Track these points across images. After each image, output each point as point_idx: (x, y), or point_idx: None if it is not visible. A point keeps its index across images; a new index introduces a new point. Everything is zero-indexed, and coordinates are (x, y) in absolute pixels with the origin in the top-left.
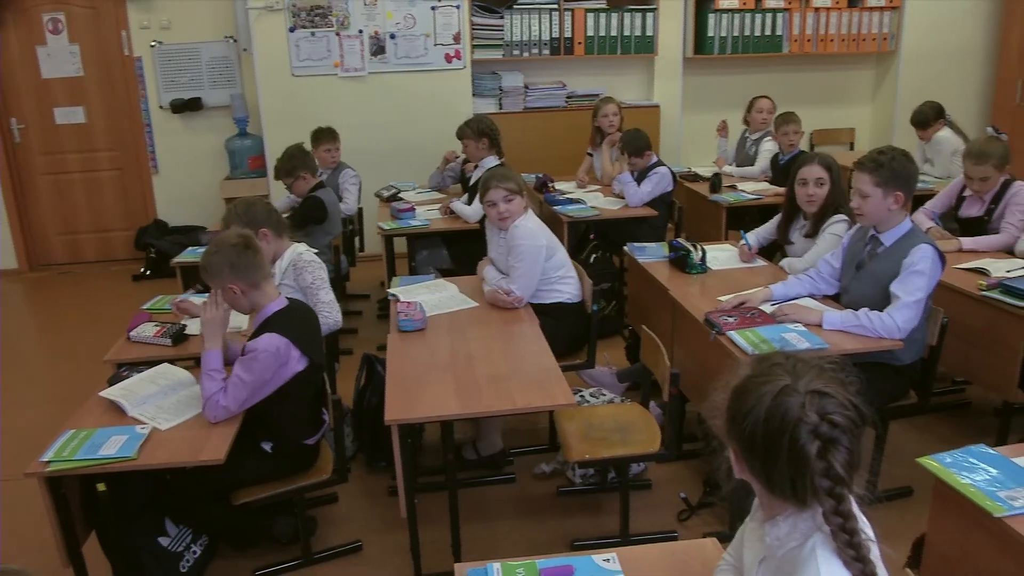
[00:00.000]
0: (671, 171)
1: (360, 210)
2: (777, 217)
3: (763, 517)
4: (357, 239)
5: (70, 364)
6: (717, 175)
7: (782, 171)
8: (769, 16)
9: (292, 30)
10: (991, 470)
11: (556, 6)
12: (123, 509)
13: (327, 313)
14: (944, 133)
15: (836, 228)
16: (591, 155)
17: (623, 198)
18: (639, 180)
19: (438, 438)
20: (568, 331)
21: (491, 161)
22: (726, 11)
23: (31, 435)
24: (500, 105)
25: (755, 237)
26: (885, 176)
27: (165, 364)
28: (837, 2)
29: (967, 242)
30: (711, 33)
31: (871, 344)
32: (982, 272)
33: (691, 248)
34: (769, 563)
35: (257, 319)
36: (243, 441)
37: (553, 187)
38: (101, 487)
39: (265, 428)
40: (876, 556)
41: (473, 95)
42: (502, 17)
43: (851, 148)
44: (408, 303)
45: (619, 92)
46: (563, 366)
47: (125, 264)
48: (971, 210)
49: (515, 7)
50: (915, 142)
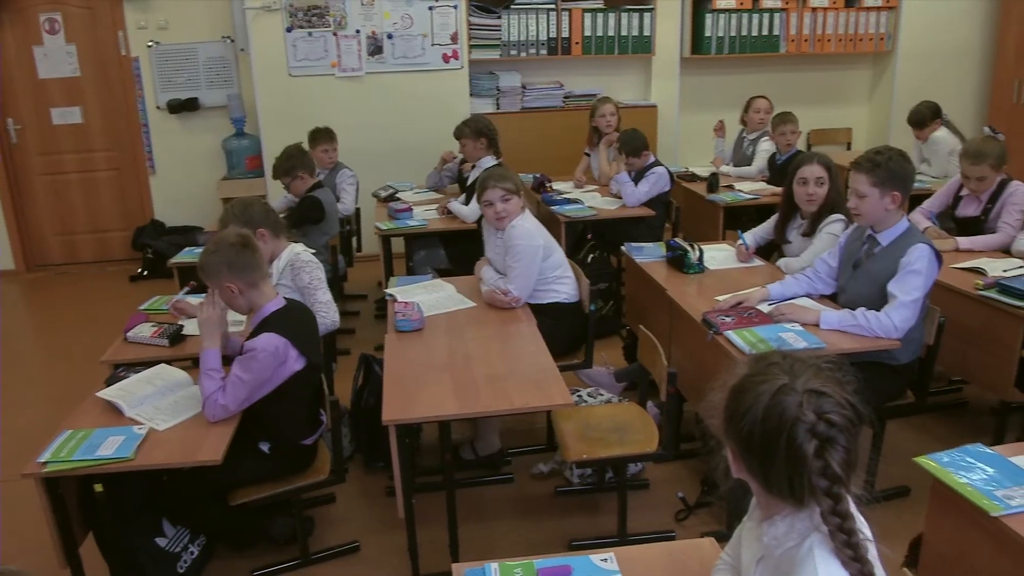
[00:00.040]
0: (668, 171)
1: (358, 210)
2: (774, 217)
3: (761, 517)
4: (355, 239)
5: (67, 365)
6: (714, 175)
7: (779, 171)
8: (766, 16)
9: (289, 30)
10: (988, 469)
11: (553, 6)
12: (120, 510)
13: (324, 313)
14: (941, 133)
15: (833, 228)
16: (588, 155)
17: (620, 198)
18: (636, 180)
19: (436, 438)
20: (566, 331)
21: (489, 161)
22: (723, 11)
23: (28, 436)
24: (497, 105)
25: (752, 237)
26: (882, 176)
27: (162, 364)
28: (834, 2)
29: (964, 242)
30: (708, 33)
31: (868, 343)
32: (979, 272)
33: (688, 248)
34: (767, 563)
35: (255, 319)
36: (241, 441)
37: (551, 187)
38: (98, 488)
39: (263, 428)
40: (874, 556)
41: (470, 95)
42: (499, 17)
43: (848, 148)
44: (406, 303)
45: (616, 92)
46: (561, 366)
47: (122, 264)
48: (968, 210)
49: (512, 7)
50: (912, 142)
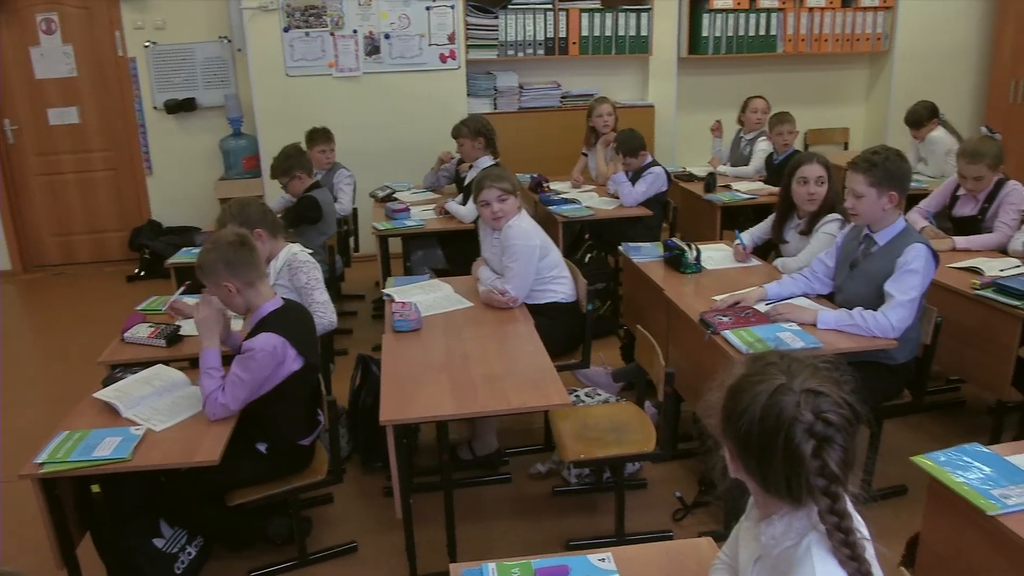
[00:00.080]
0: (665, 171)
1: (355, 210)
2: (772, 216)
3: (758, 516)
4: (352, 239)
5: (64, 365)
6: (712, 175)
7: (776, 171)
8: (763, 16)
9: (286, 30)
10: (985, 468)
11: (551, 6)
12: (118, 510)
13: (322, 314)
14: (938, 133)
15: (830, 227)
16: (586, 155)
17: (618, 198)
18: (634, 180)
19: (433, 438)
20: (563, 331)
21: (486, 161)
22: (720, 11)
23: (25, 436)
24: (495, 105)
25: (749, 236)
26: (879, 176)
27: (159, 365)
28: (831, 2)
29: (961, 241)
30: (705, 33)
31: (865, 343)
32: (976, 271)
33: (686, 248)
34: (764, 562)
35: (252, 319)
36: (238, 442)
37: (548, 187)
38: (95, 488)
39: (260, 429)
40: (871, 554)
41: (468, 95)
42: (496, 17)
43: (845, 148)
44: (403, 303)
45: (614, 92)
46: (558, 366)
47: (119, 265)
48: (965, 209)
49: (509, 7)
50: (909, 141)
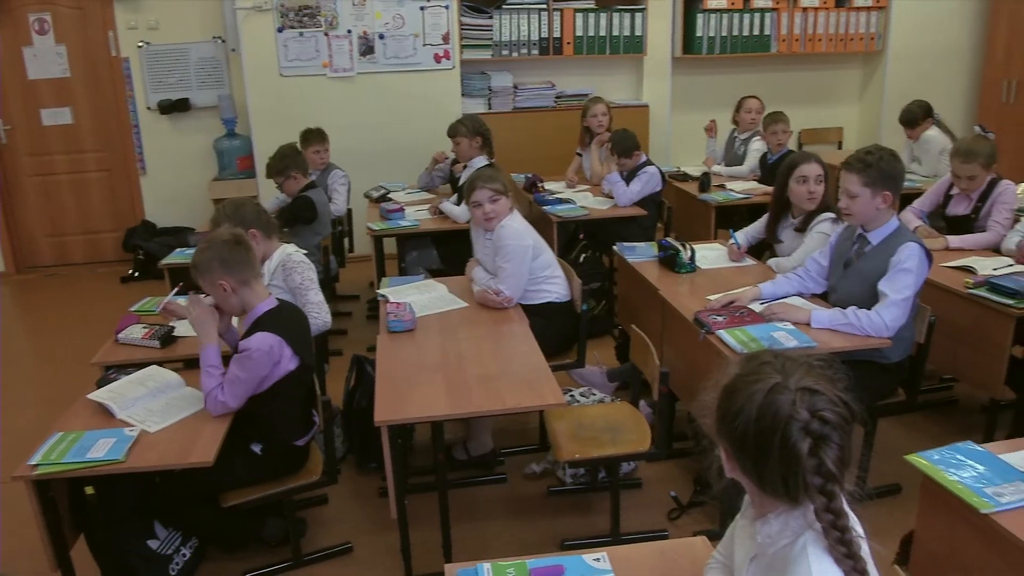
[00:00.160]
0: (660, 171)
1: (349, 211)
2: (766, 216)
3: (754, 515)
4: (346, 240)
5: (57, 367)
6: (706, 174)
7: (771, 170)
8: (757, 16)
9: (280, 30)
10: (978, 467)
11: (545, 6)
12: (112, 512)
13: (316, 314)
14: (932, 132)
15: (823, 226)
16: (580, 155)
17: (612, 198)
18: (628, 180)
19: (428, 439)
20: (558, 331)
21: (480, 161)
22: (714, 11)
23: (19, 438)
24: (489, 105)
25: (744, 236)
26: (873, 176)
27: (153, 366)
28: (824, 2)
29: (954, 240)
30: (699, 33)
31: (859, 342)
32: (969, 270)
33: (680, 247)
34: (760, 561)
35: (248, 319)
36: (233, 443)
37: (542, 187)
38: (89, 490)
39: (255, 429)
40: (866, 553)
41: (462, 95)
42: (491, 17)
43: (839, 147)
44: (398, 304)
45: (608, 92)
46: (553, 366)
47: (113, 266)
48: (958, 208)
49: (504, 7)
50: (902, 141)
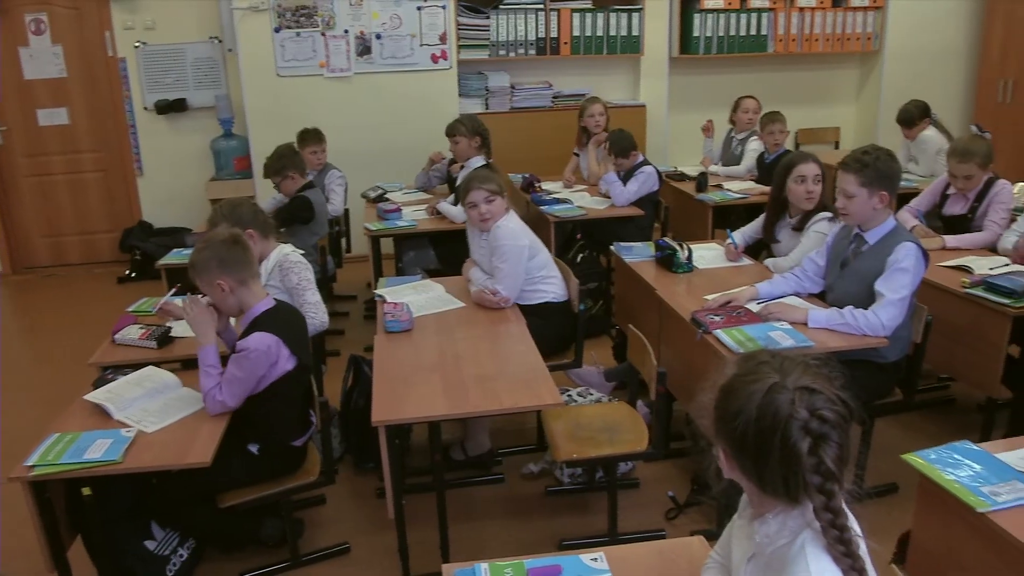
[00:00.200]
0: (657, 170)
1: (347, 211)
2: (763, 216)
3: (752, 515)
4: (344, 240)
5: (54, 367)
6: (703, 174)
7: (768, 170)
8: (754, 16)
9: (277, 30)
10: (975, 466)
11: (542, 6)
12: (109, 513)
13: (313, 314)
14: (929, 132)
15: (820, 226)
16: (577, 155)
17: (609, 198)
18: (625, 180)
19: (426, 439)
20: (555, 331)
21: (477, 161)
22: (711, 11)
23: (16, 439)
24: (486, 105)
25: (741, 236)
26: (870, 176)
27: (150, 367)
28: (821, 2)
29: (951, 240)
30: (696, 33)
31: (856, 342)
32: (965, 270)
33: (677, 247)
34: (758, 560)
35: (245, 319)
36: (230, 443)
37: (540, 187)
38: (86, 491)
39: (252, 430)
40: (864, 552)
41: (459, 95)
42: (488, 17)
43: (836, 147)
44: (395, 304)
45: (605, 92)
46: (550, 366)
47: (110, 266)
48: (955, 208)
49: (501, 7)
50: (899, 140)
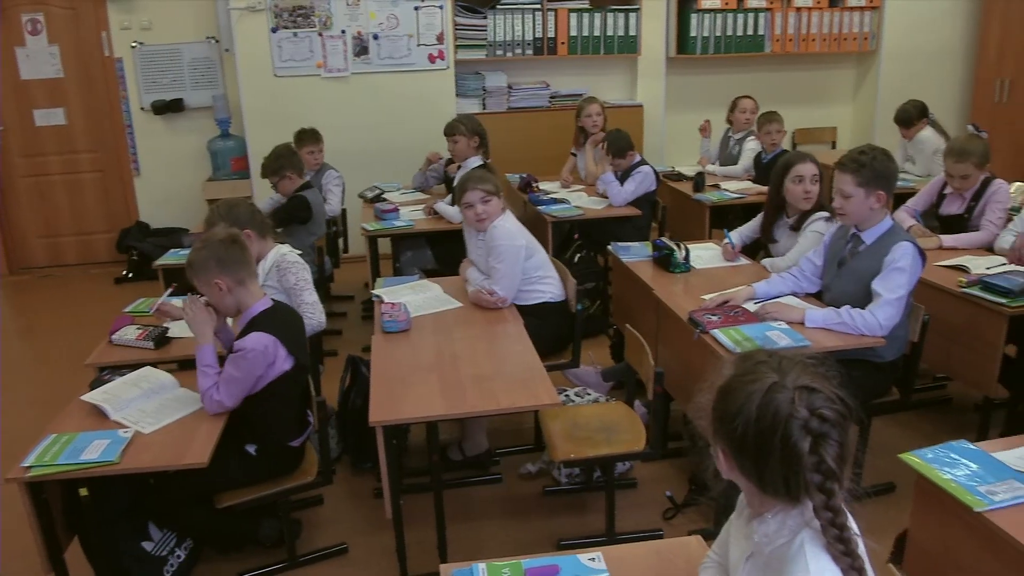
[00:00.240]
0: (654, 170)
1: (344, 211)
2: (760, 215)
3: (751, 515)
4: (341, 240)
5: (51, 368)
6: (700, 174)
7: (765, 170)
8: (751, 16)
9: (274, 30)
10: (972, 465)
11: (539, 6)
12: (106, 514)
13: (311, 314)
14: (927, 132)
15: (817, 226)
16: (575, 155)
17: (607, 198)
18: (622, 180)
19: (423, 439)
20: (552, 331)
21: (475, 161)
22: (708, 11)
23: (12, 440)
24: (484, 105)
25: (738, 236)
26: (867, 176)
27: (148, 367)
28: (818, 2)
29: (948, 239)
30: (694, 33)
31: (853, 341)
32: (962, 269)
33: (675, 247)
34: (757, 560)
35: (242, 319)
36: (227, 444)
37: (537, 187)
38: (83, 492)
39: (250, 430)
40: (862, 551)
41: (457, 95)
42: (485, 17)
43: (833, 147)
44: (392, 304)
45: (602, 92)
46: (548, 366)
47: (107, 267)
48: (952, 208)
49: (498, 7)
50: (896, 140)
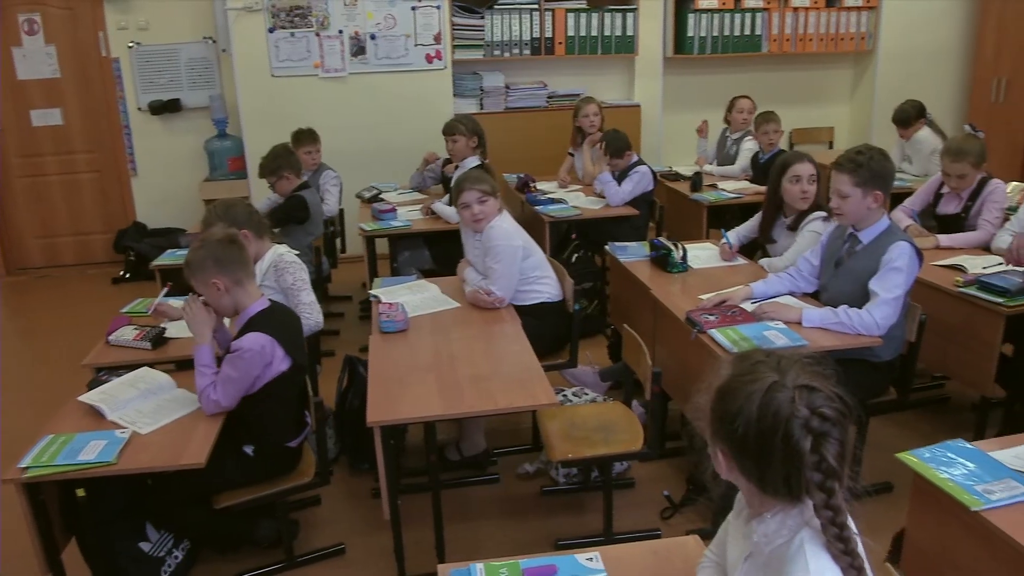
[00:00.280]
0: (651, 170)
1: (341, 211)
2: (758, 215)
3: (749, 515)
4: (338, 240)
5: (48, 369)
6: (698, 174)
7: (762, 170)
8: (748, 16)
9: (272, 31)
10: (969, 464)
11: (536, 6)
12: (103, 514)
13: (308, 315)
14: (924, 132)
15: (815, 225)
16: (572, 155)
17: (604, 197)
18: (619, 180)
19: (421, 439)
20: (550, 331)
21: (472, 161)
22: (705, 11)
23: (9, 440)
24: (481, 105)
25: (736, 235)
26: (864, 176)
27: (145, 368)
28: (815, 2)
29: (944, 239)
30: (691, 33)
31: (850, 341)
32: (959, 269)
33: (672, 247)
34: (755, 560)
35: (239, 320)
36: (225, 444)
37: (535, 187)
38: (81, 492)
39: (247, 431)
40: (861, 550)
41: (454, 95)
42: (482, 17)
43: (830, 147)
44: (390, 304)
45: (600, 92)
46: (545, 366)
47: (104, 267)
48: (949, 207)
49: (495, 7)
50: (893, 140)
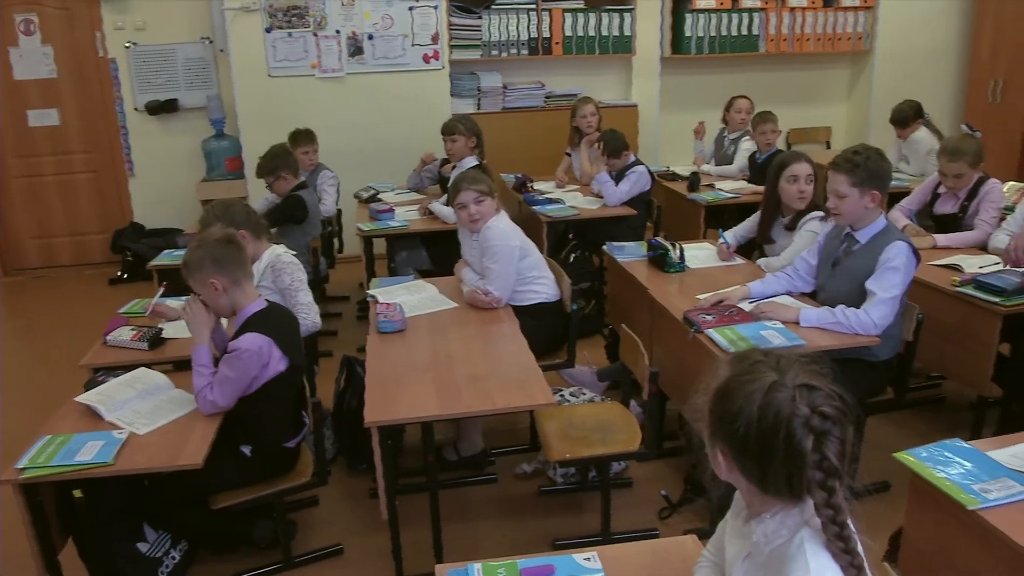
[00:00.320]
0: (649, 170)
1: (339, 211)
2: (755, 215)
3: (749, 515)
4: (336, 240)
5: (45, 369)
6: (695, 174)
7: (760, 170)
8: (745, 16)
9: (269, 31)
10: (966, 464)
11: (534, 6)
12: (100, 515)
13: (306, 315)
14: (921, 132)
15: (812, 225)
16: (570, 155)
17: (602, 197)
18: (617, 180)
19: (418, 439)
20: (548, 331)
21: (470, 161)
22: (703, 11)
23: (6, 441)
24: (479, 105)
25: (733, 235)
26: (861, 176)
27: (142, 368)
28: (812, 2)
29: (941, 239)
30: (688, 33)
31: (847, 340)
32: (956, 268)
33: (670, 247)
34: (754, 559)
35: (237, 320)
36: (222, 445)
37: (532, 187)
38: (78, 493)
39: (245, 431)
40: (860, 548)
41: (452, 95)
42: (480, 17)
43: (827, 147)
44: (387, 304)
45: (597, 92)
46: (543, 366)
47: (101, 268)
48: (946, 207)
49: (493, 7)
50: (890, 140)
